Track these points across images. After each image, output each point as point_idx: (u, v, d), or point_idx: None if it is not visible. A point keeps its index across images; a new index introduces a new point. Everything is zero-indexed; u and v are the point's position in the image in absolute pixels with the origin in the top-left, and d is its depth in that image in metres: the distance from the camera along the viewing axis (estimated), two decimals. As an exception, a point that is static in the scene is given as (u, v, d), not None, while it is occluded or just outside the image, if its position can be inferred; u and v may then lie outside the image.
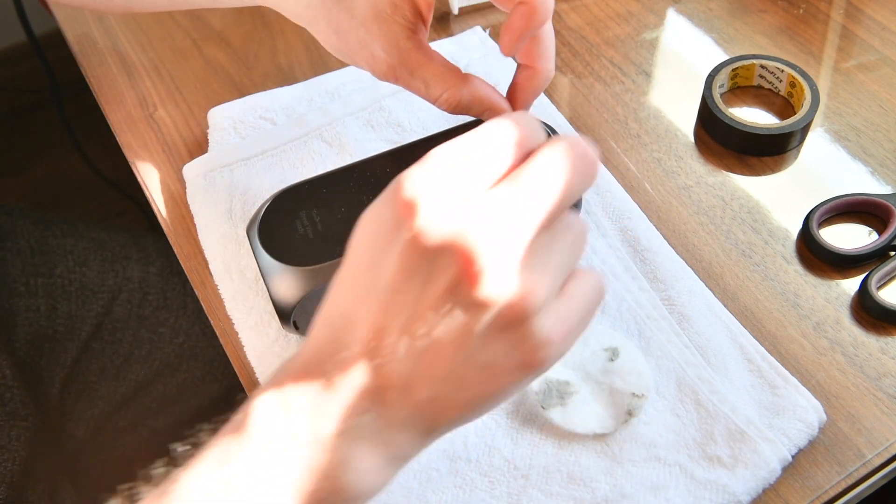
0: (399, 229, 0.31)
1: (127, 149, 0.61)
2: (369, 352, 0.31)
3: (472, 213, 0.30)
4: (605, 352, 0.47)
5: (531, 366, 0.32)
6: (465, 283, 0.30)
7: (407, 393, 0.32)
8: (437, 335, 0.31)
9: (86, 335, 0.71)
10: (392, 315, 0.31)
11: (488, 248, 0.30)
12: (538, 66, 0.46)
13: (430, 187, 0.30)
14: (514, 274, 0.30)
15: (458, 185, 0.31)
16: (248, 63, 0.66)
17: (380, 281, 0.31)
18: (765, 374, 0.47)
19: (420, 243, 0.30)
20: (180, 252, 0.55)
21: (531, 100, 0.47)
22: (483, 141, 0.32)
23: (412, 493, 0.44)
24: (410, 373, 0.31)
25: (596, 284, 0.34)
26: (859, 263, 0.52)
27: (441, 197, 0.30)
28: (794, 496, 0.44)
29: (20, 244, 0.71)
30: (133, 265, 0.74)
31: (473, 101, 0.45)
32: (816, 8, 0.67)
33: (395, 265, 0.31)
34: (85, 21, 0.69)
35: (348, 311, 0.32)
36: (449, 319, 0.31)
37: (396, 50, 0.44)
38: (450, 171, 0.31)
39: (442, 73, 0.44)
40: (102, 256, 0.73)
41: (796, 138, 0.57)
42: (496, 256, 0.30)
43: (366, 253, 0.32)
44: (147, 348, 0.73)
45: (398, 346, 0.31)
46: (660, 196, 0.56)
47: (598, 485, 0.43)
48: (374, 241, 0.32)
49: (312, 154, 0.57)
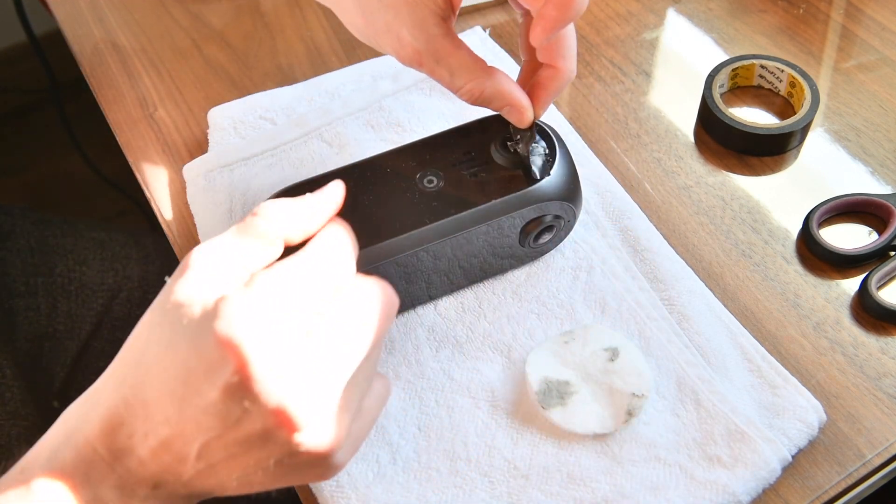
0: (223, 367, 0.32)
1: (127, 149, 0.61)
2: (162, 448, 0.34)
3: (292, 371, 0.33)
4: (605, 352, 0.47)
5: (325, 479, 0.38)
6: (279, 431, 0.33)
7: (188, 486, 0.35)
8: (241, 459, 0.34)
9: (86, 334, 0.71)
10: (198, 430, 0.33)
11: (304, 406, 0.33)
12: (560, 65, 0.45)
13: (253, 332, 0.32)
14: (325, 428, 0.34)
15: (279, 328, 0.33)
16: (248, 63, 0.66)
17: (194, 400, 0.33)
18: (765, 374, 0.47)
19: (244, 389, 0.32)
20: (180, 252, 0.55)
21: (551, 99, 0.47)
22: (304, 277, 0.34)
23: (412, 493, 0.44)
24: (197, 476, 0.35)
25: (384, 394, 0.39)
26: (859, 263, 0.52)
27: (262, 344, 0.32)
28: (794, 496, 0.44)
29: (20, 244, 0.71)
30: (133, 264, 0.74)
31: (496, 95, 0.45)
32: (816, 8, 0.67)
33: (215, 395, 0.32)
34: (85, 21, 0.69)
35: (149, 403, 0.34)
36: (258, 451, 0.34)
37: (424, 35, 0.43)
38: (272, 312, 0.33)
39: (468, 63, 0.44)
40: (102, 256, 0.73)
41: (796, 138, 0.58)
42: (311, 413, 0.33)
43: (180, 365, 0.33)
44: None
45: (195, 460, 0.34)
46: (660, 196, 0.56)
47: (598, 485, 0.43)
48: (191, 361, 0.33)
49: (312, 154, 0.57)
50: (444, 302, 0.51)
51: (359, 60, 0.64)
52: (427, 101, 0.60)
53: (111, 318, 0.72)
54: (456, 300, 0.51)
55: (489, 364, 0.48)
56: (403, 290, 0.48)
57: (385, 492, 0.44)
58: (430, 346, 0.49)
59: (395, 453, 0.45)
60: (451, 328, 0.50)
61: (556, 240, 0.51)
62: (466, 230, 0.46)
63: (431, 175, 0.48)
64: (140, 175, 0.59)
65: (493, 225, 0.47)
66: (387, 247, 0.45)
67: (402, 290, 0.48)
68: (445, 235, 0.46)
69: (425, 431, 0.46)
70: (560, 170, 0.48)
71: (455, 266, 0.48)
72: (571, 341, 0.47)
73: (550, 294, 0.50)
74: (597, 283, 0.51)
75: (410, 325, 0.50)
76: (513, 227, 0.48)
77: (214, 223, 0.54)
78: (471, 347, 0.49)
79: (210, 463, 0.34)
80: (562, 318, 0.50)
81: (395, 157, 0.49)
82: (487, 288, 0.51)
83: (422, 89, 0.60)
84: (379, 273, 0.46)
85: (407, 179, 0.48)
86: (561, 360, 0.47)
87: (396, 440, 0.46)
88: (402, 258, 0.46)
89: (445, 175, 0.48)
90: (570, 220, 0.50)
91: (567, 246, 0.52)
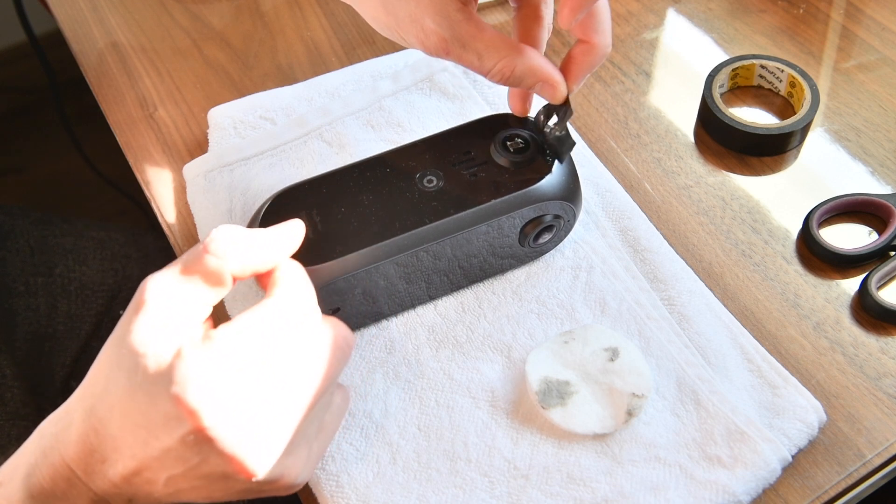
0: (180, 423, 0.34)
1: (127, 149, 0.61)
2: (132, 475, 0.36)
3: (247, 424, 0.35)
4: (605, 352, 0.47)
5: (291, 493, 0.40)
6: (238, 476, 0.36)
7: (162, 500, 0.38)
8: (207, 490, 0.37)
9: (86, 334, 0.71)
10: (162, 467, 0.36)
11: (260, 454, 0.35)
12: (595, 40, 0.44)
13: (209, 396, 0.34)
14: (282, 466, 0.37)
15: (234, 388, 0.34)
16: (248, 63, 0.66)
17: (156, 444, 0.35)
18: (765, 374, 0.47)
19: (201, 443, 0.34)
20: (180, 252, 0.55)
21: (586, 75, 0.46)
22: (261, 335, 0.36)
23: (412, 493, 0.44)
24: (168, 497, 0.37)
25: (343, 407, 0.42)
26: (859, 263, 0.52)
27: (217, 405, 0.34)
28: (794, 496, 0.44)
29: (20, 244, 0.71)
30: (133, 264, 0.74)
31: (527, 72, 0.43)
32: (816, 8, 0.67)
33: (174, 444, 0.35)
34: (85, 21, 0.69)
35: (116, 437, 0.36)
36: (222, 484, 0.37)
37: (448, 21, 0.42)
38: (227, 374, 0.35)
39: (496, 43, 0.43)
40: (102, 255, 0.73)
41: (796, 138, 0.57)
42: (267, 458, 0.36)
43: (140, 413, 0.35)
44: None
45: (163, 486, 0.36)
46: (660, 196, 0.56)
47: (598, 485, 0.43)
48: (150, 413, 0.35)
49: (312, 154, 0.57)
50: (444, 302, 0.51)
51: (359, 60, 0.64)
52: (427, 101, 0.60)
53: (111, 318, 0.72)
54: (456, 300, 0.51)
55: (489, 364, 0.48)
56: (403, 290, 0.48)
57: (385, 492, 0.44)
58: (430, 346, 0.49)
59: (395, 453, 0.45)
60: (451, 328, 0.50)
61: (556, 240, 0.51)
62: (466, 230, 0.46)
63: (431, 175, 0.48)
64: (140, 175, 0.59)
65: (492, 225, 0.47)
66: (387, 247, 0.45)
67: (403, 290, 0.48)
68: (445, 235, 0.46)
69: (425, 431, 0.46)
70: (560, 170, 0.48)
71: (455, 266, 0.48)
72: (571, 341, 0.47)
73: (550, 294, 0.50)
74: (597, 283, 0.51)
75: (410, 325, 0.50)
76: (513, 227, 0.48)
77: (214, 223, 0.54)
78: (471, 347, 0.49)
79: (178, 489, 0.37)
80: (562, 318, 0.50)
81: (395, 157, 0.49)
82: (487, 288, 0.51)
83: (422, 89, 0.60)
84: (379, 273, 0.46)
85: (407, 179, 0.48)
86: (561, 360, 0.47)
87: (396, 440, 0.46)
88: (402, 258, 0.46)
89: (445, 175, 0.48)
90: (570, 220, 0.50)
91: (567, 246, 0.52)
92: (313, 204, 0.47)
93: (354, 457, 0.45)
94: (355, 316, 0.48)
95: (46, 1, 0.71)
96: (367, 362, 0.48)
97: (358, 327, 0.49)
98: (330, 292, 0.45)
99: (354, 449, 0.45)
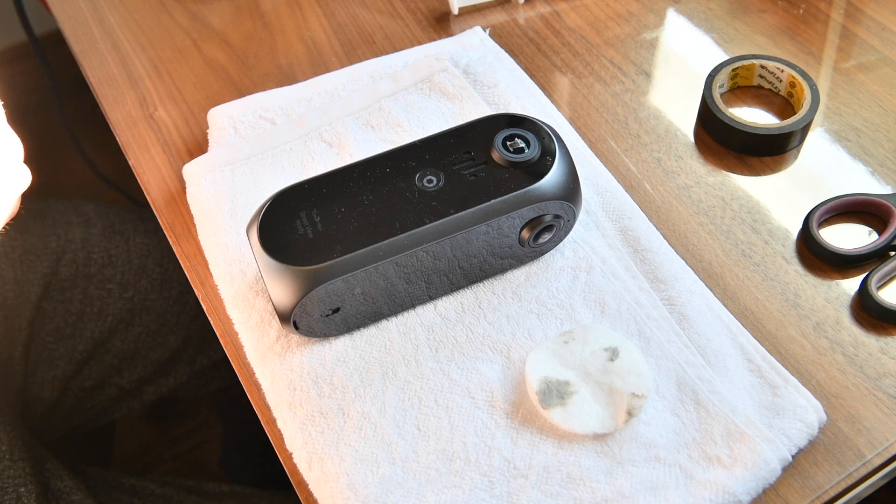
0: None
1: (127, 149, 0.61)
2: None
3: None
4: (605, 352, 0.47)
5: None
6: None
7: None
8: None
9: (35, 297, 0.73)
10: None
11: None
12: None
13: None
14: None
15: None
16: (248, 63, 0.66)
17: None
18: (765, 374, 0.47)
19: None
20: (180, 252, 0.55)
21: None
22: None
23: (411, 493, 0.44)
24: None
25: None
26: (859, 263, 0.52)
27: None
28: (794, 496, 0.44)
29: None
30: (74, 228, 0.76)
31: None
32: (816, 8, 0.67)
33: None
34: (85, 21, 0.69)
35: None
36: None
37: None
38: None
39: None
40: (43, 223, 0.76)
41: (796, 138, 0.57)
42: None
43: None
44: (98, 305, 0.75)
45: None
46: (660, 196, 0.56)
47: (597, 485, 0.43)
48: None
49: (312, 154, 0.57)
50: (444, 302, 0.51)
51: (359, 60, 0.64)
52: (427, 102, 0.60)
53: (59, 280, 0.74)
54: (456, 300, 0.51)
55: (489, 364, 0.48)
56: (403, 290, 0.48)
57: (384, 492, 0.44)
58: (429, 346, 0.49)
59: (395, 453, 0.45)
60: (451, 328, 0.50)
61: (555, 240, 0.51)
62: (466, 230, 0.46)
63: (431, 175, 0.48)
64: (140, 175, 0.59)
65: (492, 225, 0.47)
66: (387, 247, 0.45)
67: (402, 290, 0.48)
68: (445, 235, 0.46)
69: (424, 431, 0.46)
70: (560, 170, 0.48)
71: (455, 266, 0.48)
72: (571, 341, 0.47)
73: (550, 294, 0.50)
74: (597, 283, 0.51)
75: (410, 325, 0.50)
76: (512, 227, 0.48)
77: (214, 223, 0.54)
78: (470, 347, 0.49)
79: None
80: (561, 318, 0.50)
81: (395, 156, 0.49)
82: (487, 288, 0.51)
83: (421, 89, 0.60)
84: (378, 273, 0.46)
85: (407, 179, 0.48)
86: (561, 360, 0.47)
87: (395, 440, 0.46)
88: (401, 258, 0.46)
89: (445, 175, 0.48)
90: (569, 220, 0.50)
91: (567, 246, 0.52)
92: (313, 204, 0.47)
93: (353, 457, 0.45)
94: (355, 316, 0.48)
95: (46, 1, 0.71)
96: (365, 362, 0.48)
97: (357, 327, 0.49)
98: (329, 292, 0.45)
99: (353, 449, 0.45)
